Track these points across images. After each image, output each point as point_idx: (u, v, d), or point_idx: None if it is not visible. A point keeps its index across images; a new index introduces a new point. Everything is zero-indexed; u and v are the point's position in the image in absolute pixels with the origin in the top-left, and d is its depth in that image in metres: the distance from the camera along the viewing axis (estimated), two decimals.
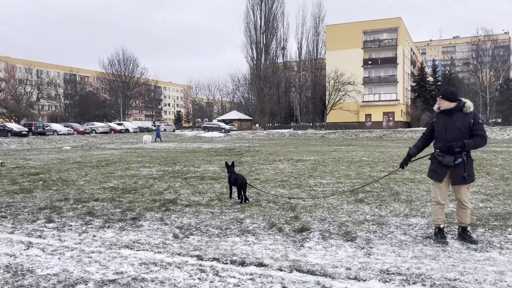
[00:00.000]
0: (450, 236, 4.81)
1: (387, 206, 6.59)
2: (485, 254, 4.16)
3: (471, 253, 4.23)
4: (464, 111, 4.49)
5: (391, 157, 16.21)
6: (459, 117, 4.49)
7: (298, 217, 5.93)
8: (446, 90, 4.63)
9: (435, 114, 4.74)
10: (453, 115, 4.53)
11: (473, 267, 3.81)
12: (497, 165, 12.59)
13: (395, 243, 4.63)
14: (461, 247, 4.42)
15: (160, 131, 42.46)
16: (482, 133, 4.44)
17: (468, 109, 4.49)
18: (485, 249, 4.33)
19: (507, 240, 4.59)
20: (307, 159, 15.76)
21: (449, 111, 4.55)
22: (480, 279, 3.52)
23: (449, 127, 4.52)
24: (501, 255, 4.10)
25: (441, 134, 4.58)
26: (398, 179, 9.69)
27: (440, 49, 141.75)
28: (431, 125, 4.77)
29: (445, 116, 4.58)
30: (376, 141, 35.22)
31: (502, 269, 3.74)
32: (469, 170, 4.52)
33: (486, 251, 4.27)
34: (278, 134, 49.48)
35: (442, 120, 4.60)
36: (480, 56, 68.40)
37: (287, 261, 4.08)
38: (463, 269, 3.78)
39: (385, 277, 3.61)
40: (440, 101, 4.60)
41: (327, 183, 9.24)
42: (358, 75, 58.46)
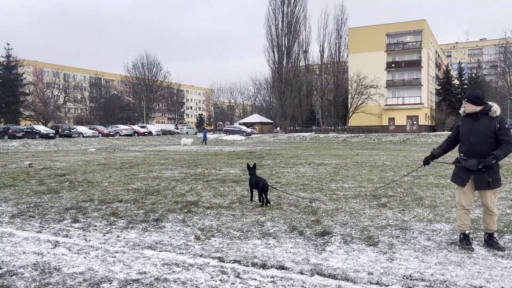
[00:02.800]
0: (476, 243, 4.70)
1: (410, 211, 6.48)
2: (511, 262, 4.04)
3: (498, 260, 4.12)
4: (490, 115, 4.41)
5: (414, 161, 15.93)
6: (485, 121, 4.41)
7: (320, 221, 5.90)
8: (471, 93, 4.56)
9: (461, 117, 4.68)
10: (479, 119, 4.45)
11: (500, 274, 3.71)
12: None
13: (418, 248, 4.55)
14: (488, 254, 4.31)
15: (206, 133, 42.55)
16: (508, 138, 4.33)
17: (494, 113, 4.40)
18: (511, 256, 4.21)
19: None
20: (328, 162, 15.65)
21: (475, 115, 4.48)
22: (506, 287, 3.43)
23: (473, 131, 4.44)
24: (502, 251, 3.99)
25: (466, 137, 4.51)
26: (422, 184, 9.52)
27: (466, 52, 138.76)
28: (456, 128, 4.70)
29: (470, 120, 4.51)
30: (400, 145, 34.67)
31: None
32: (495, 174, 4.42)
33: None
34: (299, 137, 49.30)
35: (467, 123, 4.53)
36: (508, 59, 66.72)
37: (308, 264, 4.07)
38: (489, 276, 3.69)
39: (408, 283, 3.56)
40: (465, 104, 4.54)
41: (349, 187, 9.16)
42: (381, 78, 57.83)
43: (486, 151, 4.38)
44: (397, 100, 59.64)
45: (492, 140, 4.38)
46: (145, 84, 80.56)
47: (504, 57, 68.94)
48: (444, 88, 64.66)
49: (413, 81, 59.32)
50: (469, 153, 4.48)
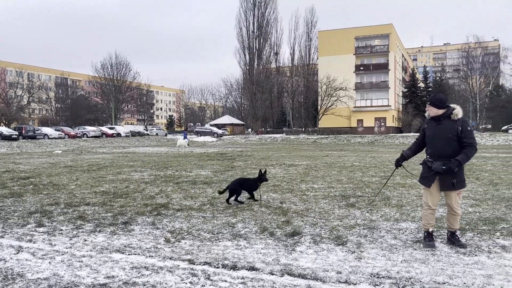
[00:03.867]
0: (440, 240, 4.87)
1: (378, 211, 6.64)
2: (473, 258, 4.22)
3: (460, 257, 4.29)
4: (452, 118, 4.49)
5: (382, 162, 16.32)
6: (447, 124, 4.50)
7: (290, 221, 5.96)
8: (434, 96, 4.64)
9: (426, 120, 4.77)
10: (441, 122, 4.55)
11: (462, 271, 3.86)
12: (486, 171, 12.72)
13: (385, 247, 4.67)
14: (450, 251, 4.47)
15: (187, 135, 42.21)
16: (471, 141, 4.44)
17: (456, 116, 4.48)
18: (474, 253, 4.39)
19: (495, 244, 4.66)
20: (299, 164, 15.80)
21: (438, 118, 4.58)
22: (468, 283, 3.57)
23: (437, 134, 4.55)
24: (489, 259, 4.16)
25: (431, 141, 4.62)
26: (389, 184, 9.76)
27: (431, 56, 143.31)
28: (422, 130, 4.80)
29: (434, 123, 4.61)
30: (368, 146, 35.41)
31: (490, 273, 3.80)
32: (459, 176, 4.52)
33: (474, 255, 4.33)
34: (271, 138, 49.55)
35: (432, 127, 4.63)
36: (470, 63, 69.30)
37: (279, 265, 4.11)
38: (452, 272, 3.83)
39: (375, 281, 3.65)
40: (428, 107, 4.64)
41: (318, 188, 9.29)
42: (350, 80, 58.95)
43: (450, 154, 4.47)
44: (366, 102, 60.95)
45: (455, 143, 4.47)
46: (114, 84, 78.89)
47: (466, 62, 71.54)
48: (410, 91, 66.59)
49: (381, 83, 60.78)
50: (435, 156, 4.57)
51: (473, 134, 4.52)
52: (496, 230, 5.26)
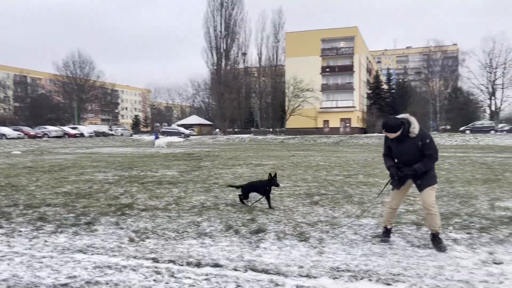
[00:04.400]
0: (397, 235, 5.09)
1: (340, 208, 6.85)
2: (427, 251, 4.45)
3: (415, 250, 4.51)
4: (410, 136, 4.58)
5: (346, 161, 16.73)
6: (409, 142, 4.59)
7: (255, 219, 6.05)
8: (385, 123, 4.65)
9: (388, 138, 4.82)
10: (403, 141, 4.63)
11: (416, 263, 4.07)
12: (444, 169, 13.28)
13: (346, 242, 4.84)
14: (406, 245, 4.70)
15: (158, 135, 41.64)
16: (430, 152, 4.58)
17: (413, 133, 4.56)
18: (427, 246, 4.63)
19: (448, 238, 4.92)
20: (266, 163, 15.96)
21: (398, 139, 4.64)
22: (421, 274, 3.78)
23: (403, 152, 4.67)
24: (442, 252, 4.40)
25: (398, 156, 4.78)
26: (352, 183, 10.05)
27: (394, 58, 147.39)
28: (388, 147, 4.85)
29: (396, 142, 4.69)
30: (333, 146, 36.13)
31: (442, 264, 4.02)
32: (423, 178, 4.64)
33: (428, 247, 4.57)
34: (238, 139, 49.63)
35: (395, 145, 4.73)
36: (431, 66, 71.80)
37: (242, 261, 4.18)
38: (407, 264, 4.03)
39: (335, 274, 3.79)
40: (386, 133, 4.71)
41: (284, 187, 9.43)
42: (317, 82, 59.95)
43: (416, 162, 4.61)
44: (332, 103, 62.09)
45: (420, 154, 4.60)
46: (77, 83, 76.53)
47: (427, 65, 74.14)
48: (374, 92, 68.44)
49: (346, 85, 62.13)
50: (403, 165, 4.71)
51: (432, 145, 4.60)
52: (449, 225, 5.55)
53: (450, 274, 3.75)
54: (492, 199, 7.60)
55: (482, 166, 14.48)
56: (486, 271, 3.81)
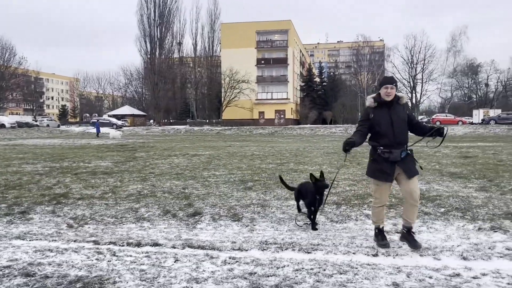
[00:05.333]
0: (318, 214, 5.71)
1: (271, 192, 7.40)
2: (343, 225, 5.12)
3: (333, 224, 5.15)
4: (400, 103, 4.24)
5: (280, 151, 17.48)
6: (399, 109, 4.20)
7: (192, 204, 6.40)
8: (392, 78, 4.30)
9: (370, 109, 4.25)
10: (394, 108, 4.19)
11: (333, 235, 4.70)
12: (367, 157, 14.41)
13: (274, 220, 5.38)
14: (326, 221, 5.33)
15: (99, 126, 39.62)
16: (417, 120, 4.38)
17: (403, 100, 4.27)
18: (344, 221, 5.30)
19: (361, 214, 5.65)
20: (202, 153, 16.23)
21: (391, 104, 4.18)
22: (337, 243, 4.39)
23: (395, 120, 4.13)
24: (355, 225, 5.09)
25: (387, 129, 4.12)
26: (284, 170, 10.70)
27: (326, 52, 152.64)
28: (367, 120, 4.22)
29: (387, 110, 4.17)
30: (269, 137, 37.15)
31: (355, 235, 4.68)
32: (412, 162, 4.26)
33: (344, 222, 5.23)
34: (174, 130, 49.09)
35: (384, 114, 4.16)
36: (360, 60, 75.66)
37: (180, 240, 4.54)
38: (325, 236, 4.64)
39: (263, 247, 4.29)
40: (391, 90, 4.13)
41: (220, 175, 9.84)
42: (252, 73, 60.74)
43: (405, 140, 4.22)
44: (267, 95, 63.39)
45: (407, 128, 4.25)
46: None
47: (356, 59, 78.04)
48: (307, 85, 70.90)
49: (281, 77, 63.70)
50: (392, 145, 4.13)
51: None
52: (364, 203, 6.31)
53: (360, 243, 4.41)
54: None
55: None
56: (389, 239, 4.52)
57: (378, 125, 4.16)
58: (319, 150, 17.76)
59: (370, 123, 4.20)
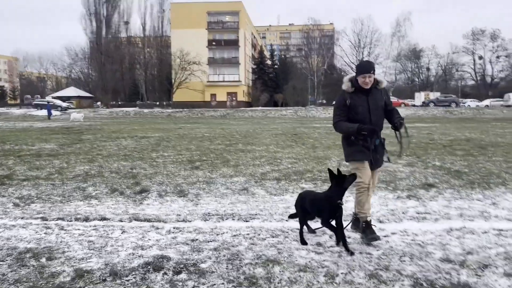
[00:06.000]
0: (260, 188, 6.16)
1: (217, 170, 7.76)
2: (280, 197, 5.60)
3: (272, 197, 5.62)
4: (378, 88, 4.01)
5: (230, 133, 17.85)
6: (377, 95, 3.97)
7: (139, 182, 6.63)
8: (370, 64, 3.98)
9: (348, 95, 3.95)
10: (372, 93, 3.95)
11: (270, 206, 5.16)
12: (312, 138, 15.17)
13: (218, 195, 5.76)
14: (265, 194, 5.79)
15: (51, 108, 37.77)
16: (393, 107, 4.09)
17: (382, 84, 4.04)
18: (282, 194, 5.79)
19: (298, 187, 6.16)
20: (151, 135, 16.24)
21: (369, 90, 3.93)
22: (273, 212, 4.86)
23: (372, 108, 3.92)
24: (291, 197, 5.57)
25: (364, 116, 3.89)
26: (232, 151, 11.08)
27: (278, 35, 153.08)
28: (344, 106, 3.94)
29: (363, 96, 3.92)
30: (220, 119, 37.32)
31: (289, 205, 5.16)
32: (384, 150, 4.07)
33: (282, 195, 5.72)
34: (123, 112, 47.86)
35: (361, 100, 3.91)
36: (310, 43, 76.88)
37: (127, 214, 4.80)
38: (263, 207, 5.09)
39: (206, 218, 4.66)
40: (369, 78, 3.86)
41: (168, 155, 10.05)
42: (203, 55, 60.10)
43: (381, 127, 4.04)
44: (218, 77, 63.12)
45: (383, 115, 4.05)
46: None
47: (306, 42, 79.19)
48: (259, 68, 71.26)
49: (232, 59, 63.53)
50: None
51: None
52: (302, 178, 6.85)
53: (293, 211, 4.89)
54: (341, 159, 9.21)
55: None
56: None
57: (355, 111, 3.92)
58: (268, 132, 18.32)
59: (348, 107, 3.93)
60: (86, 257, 3.48)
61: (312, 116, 41.25)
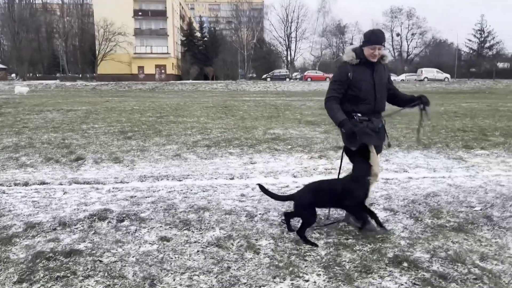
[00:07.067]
0: (192, 154, 6.73)
1: (150, 140, 8.16)
2: (210, 161, 6.23)
3: (202, 161, 6.23)
4: (382, 62, 3.55)
5: (160, 106, 17.95)
6: (381, 70, 3.54)
7: (73, 152, 6.87)
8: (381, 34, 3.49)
9: (349, 67, 3.46)
10: (377, 68, 3.51)
11: (201, 168, 5.77)
12: (242, 110, 15.85)
13: (152, 161, 6.24)
14: (197, 158, 6.39)
15: None
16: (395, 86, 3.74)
17: (387, 59, 3.56)
18: (211, 158, 6.42)
19: (226, 152, 6.83)
20: (78, 109, 15.90)
21: (374, 63, 3.48)
22: (203, 173, 5.48)
23: (378, 84, 3.48)
24: (220, 160, 6.23)
25: (368, 93, 3.44)
26: (163, 122, 11.42)
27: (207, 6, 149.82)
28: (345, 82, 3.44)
29: (368, 70, 3.46)
30: (149, 93, 36.64)
31: (218, 167, 5.81)
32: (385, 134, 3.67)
33: (211, 159, 6.35)
34: (42, 85, 44.89)
35: (366, 75, 3.45)
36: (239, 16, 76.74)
37: (66, 179, 5.14)
38: (195, 169, 5.69)
39: (142, 179, 5.16)
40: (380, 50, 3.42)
41: (99, 127, 10.17)
42: (129, 25, 57.68)
43: (384, 107, 3.63)
44: (146, 49, 61.12)
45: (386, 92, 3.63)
46: None
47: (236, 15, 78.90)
48: (188, 40, 69.93)
49: (160, 30, 61.71)
50: (372, 112, 3.48)
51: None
52: (231, 145, 7.52)
53: (222, 171, 5.55)
54: (267, 128, 10.04)
55: (272, 107, 17.67)
56: (245, 167, 5.77)
57: (357, 87, 3.42)
58: (199, 105, 18.69)
59: (348, 84, 3.44)
60: (33, 213, 3.85)
61: (242, 90, 41.92)
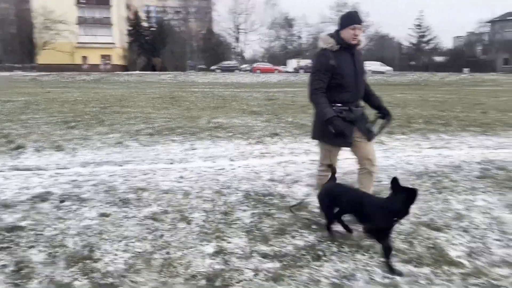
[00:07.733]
0: (135, 142, 6.95)
1: (93, 129, 8.25)
2: (152, 147, 6.51)
3: (144, 148, 6.50)
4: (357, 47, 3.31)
5: (104, 97, 17.70)
6: (358, 55, 3.34)
7: (13, 141, 6.86)
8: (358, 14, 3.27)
9: (330, 53, 3.21)
10: (355, 53, 3.29)
11: (143, 154, 6.05)
12: (189, 101, 16.06)
13: (95, 148, 6.42)
14: (139, 146, 6.64)
15: None
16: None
17: (361, 43, 3.33)
18: (153, 145, 6.69)
19: (168, 140, 7.12)
20: (17, 99, 15.36)
21: (352, 47, 3.26)
22: (145, 158, 5.77)
23: (358, 70, 3.30)
24: (162, 147, 6.52)
25: (350, 81, 3.24)
26: (107, 112, 11.42)
27: None
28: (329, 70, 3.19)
29: (349, 55, 3.25)
30: (94, 83, 35.55)
31: (159, 153, 6.10)
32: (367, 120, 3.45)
33: (153, 146, 6.62)
34: None
35: (348, 61, 3.24)
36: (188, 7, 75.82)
37: (6, 166, 5.24)
38: (136, 155, 5.96)
39: (84, 164, 5.37)
40: (360, 31, 3.21)
41: (40, 117, 10.03)
42: (71, 14, 55.39)
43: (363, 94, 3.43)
44: (90, 38, 58.92)
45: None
46: None
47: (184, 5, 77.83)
48: (134, 29, 68.07)
49: (104, 19, 59.75)
50: (353, 100, 3.30)
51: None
52: (173, 133, 7.81)
53: (162, 157, 5.87)
54: (211, 118, 10.38)
55: (219, 98, 17.99)
56: (186, 153, 6.11)
57: (341, 75, 3.19)
58: (145, 96, 18.62)
59: (330, 72, 3.20)
60: None
61: (191, 81, 41.70)
